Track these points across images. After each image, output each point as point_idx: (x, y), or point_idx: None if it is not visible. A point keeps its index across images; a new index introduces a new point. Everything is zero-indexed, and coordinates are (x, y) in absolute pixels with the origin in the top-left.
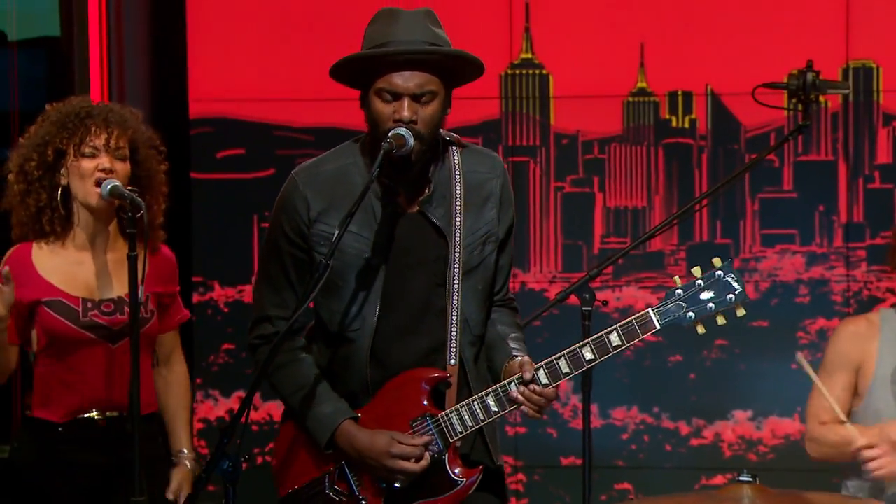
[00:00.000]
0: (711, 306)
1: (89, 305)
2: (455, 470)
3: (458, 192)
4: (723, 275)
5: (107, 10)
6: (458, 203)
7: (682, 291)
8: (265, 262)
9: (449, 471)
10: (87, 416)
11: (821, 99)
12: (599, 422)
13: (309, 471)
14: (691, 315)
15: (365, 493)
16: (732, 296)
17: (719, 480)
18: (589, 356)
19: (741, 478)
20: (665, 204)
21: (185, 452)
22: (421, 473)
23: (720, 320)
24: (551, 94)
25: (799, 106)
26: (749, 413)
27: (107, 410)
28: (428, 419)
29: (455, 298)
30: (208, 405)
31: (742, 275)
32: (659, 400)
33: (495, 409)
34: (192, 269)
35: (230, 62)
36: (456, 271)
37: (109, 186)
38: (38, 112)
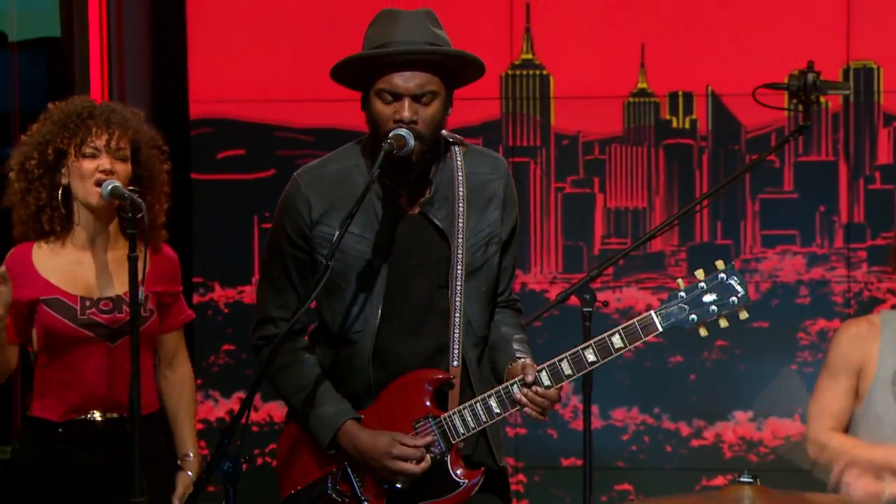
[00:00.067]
0: (714, 309)
1: (88, 304)
2: (457, 471)
3: (461, 194)
4: (726, 277)
5: (107, 11)
6: (461, 204)
7: (685, 294)
8: (268, 264)
9: (451, 472)
10: (87, 418)
11: (821, 99)
12: (600, 423)
13: (311, 472)
14: (694, 317)
15: (367, 494)
16: (735, 298)
17: (720, 481)
18: (591, 358)
19: (742, 479)
20: (665, 205)
21: (191, 456)
22: (422, 475)
23: (723, 323)
24: (552, 95)
25: (799, 106)
26: (750, 414)
27: (107, 410)
28: (431, 420)
29: (458, 300)
30: (208, 406)
31: (744, 276)
32: (659, 401)
33: (498, 411)
34: (193, 270)
35: (230, 62)
36: (459, 273)
37: (110, 187)
38: (39, 112)
